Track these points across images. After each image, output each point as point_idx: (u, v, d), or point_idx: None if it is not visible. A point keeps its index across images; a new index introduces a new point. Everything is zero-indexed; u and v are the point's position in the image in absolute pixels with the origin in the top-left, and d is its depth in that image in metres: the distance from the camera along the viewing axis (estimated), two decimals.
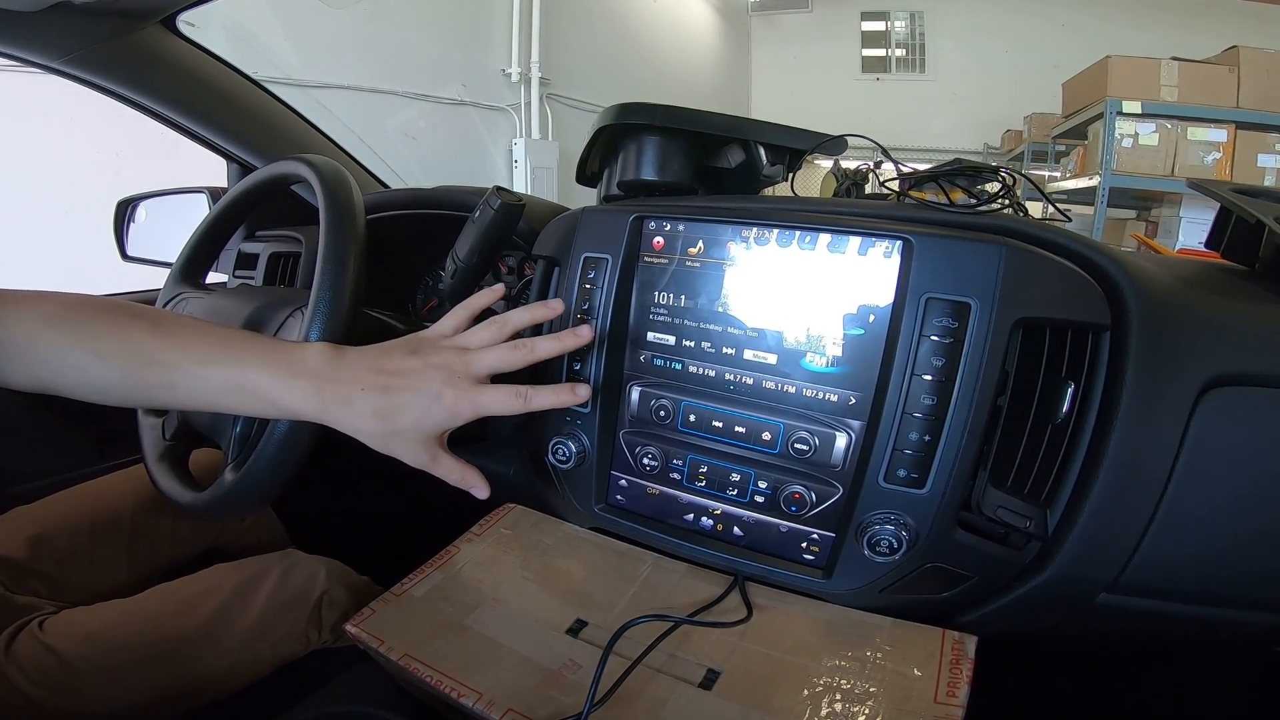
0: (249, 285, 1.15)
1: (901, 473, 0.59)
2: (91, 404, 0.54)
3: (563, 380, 0.72)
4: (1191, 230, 3.11)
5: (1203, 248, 0.80)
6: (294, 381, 0.52)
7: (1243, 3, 4.47)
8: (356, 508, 1.29)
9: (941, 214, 0.64)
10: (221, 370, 0.52)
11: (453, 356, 0.53)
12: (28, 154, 2.32)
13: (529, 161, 4.11)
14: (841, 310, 0.62)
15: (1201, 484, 0.56)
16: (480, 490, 0.57)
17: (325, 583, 0.76)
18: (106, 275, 1.28)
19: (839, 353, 0.62)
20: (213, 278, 0.91)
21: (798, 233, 0.64)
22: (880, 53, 6.45)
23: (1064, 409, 0.57)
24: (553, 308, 0.59)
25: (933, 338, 0.57)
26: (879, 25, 6.39)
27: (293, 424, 0.59)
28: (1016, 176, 0.70)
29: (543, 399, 0.55)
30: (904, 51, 6.37)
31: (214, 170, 1.32)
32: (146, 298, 0.97)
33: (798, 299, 0.64)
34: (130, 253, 1.31)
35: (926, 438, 0.57)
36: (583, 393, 0.56)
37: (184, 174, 1.34)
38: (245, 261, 1.23)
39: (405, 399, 0.52)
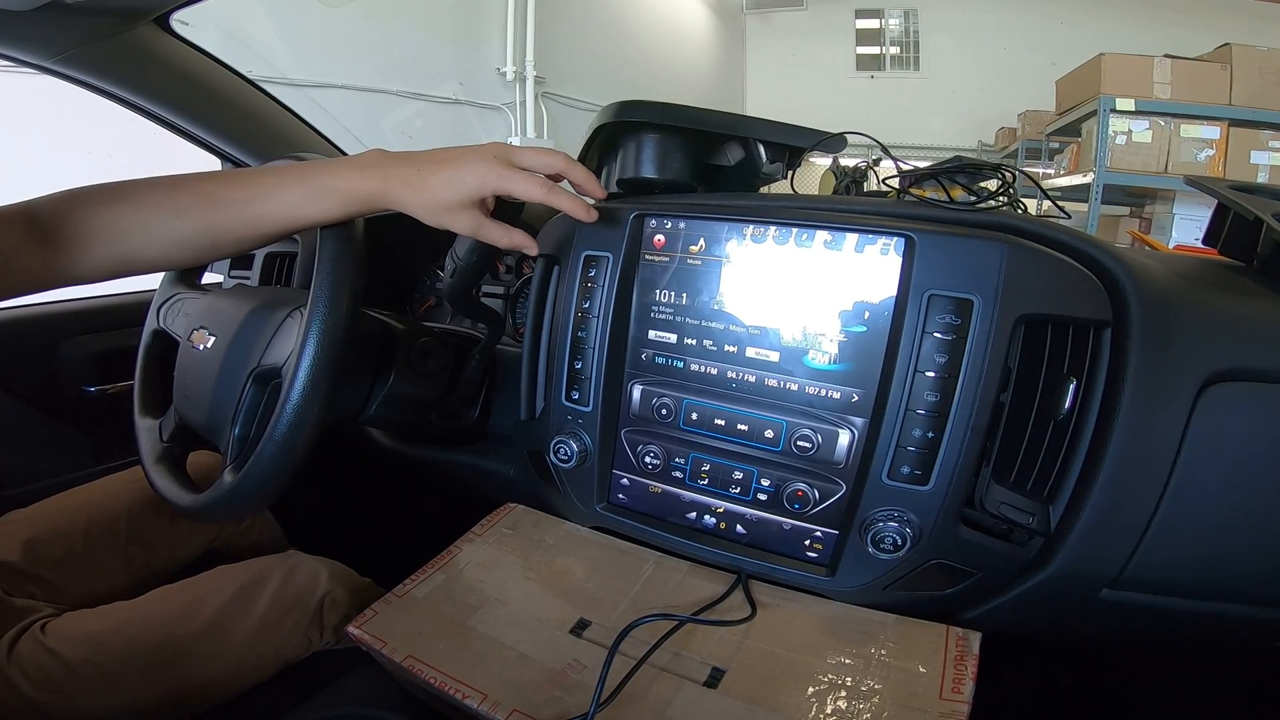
0: (245, 285, 1.14)
1: (905, 469, 0.59)
2: (86, 407, 0.55)
3: (555, 381, 0.72)
4: (1185, 227, 3.12)
5: (1198, 244, 0.81)
6: (367, 172, 0.59)
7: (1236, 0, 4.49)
8: (356, 508, 1.28)
9: (942, 211, 0.64)
10: (299, 184, 0.60)
11: (496, 146, 0.60)
12: (18, 154, 2.29)
13: None
14: (844, 308, 0.62)
15: (1203, 479, 0.56)
16: (530, 247, 0.63)
17: (327, 584, 0.76)
18: None
19: (841, 350, 0.62)
20: (208, 278, 0.90)
21: (801, 230, 0.64)
22: (874, 50, 6.44)
23: (1066, 405, 0.58)
24: (589, 191, 0.63)
25: (935, 334, 0.57)
26: (873, 23, 6.38)
27: (292, 424, 0.59)
28: (1016, 173, 0.70)
29: (563, 200, 0.61)
30: (898, 49, 6.37)
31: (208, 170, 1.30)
32: (142, 299, 0.96)
33: (800, 297, 0.64)
34: None
35: (930, 434, 0.57)
36: (593, 215, 0.64)
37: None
38: (240, 261, 1.22)
39: (448, 173, 0.58)
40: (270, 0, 2.88)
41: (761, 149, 0.75)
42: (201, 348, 0.73)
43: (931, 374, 0.57)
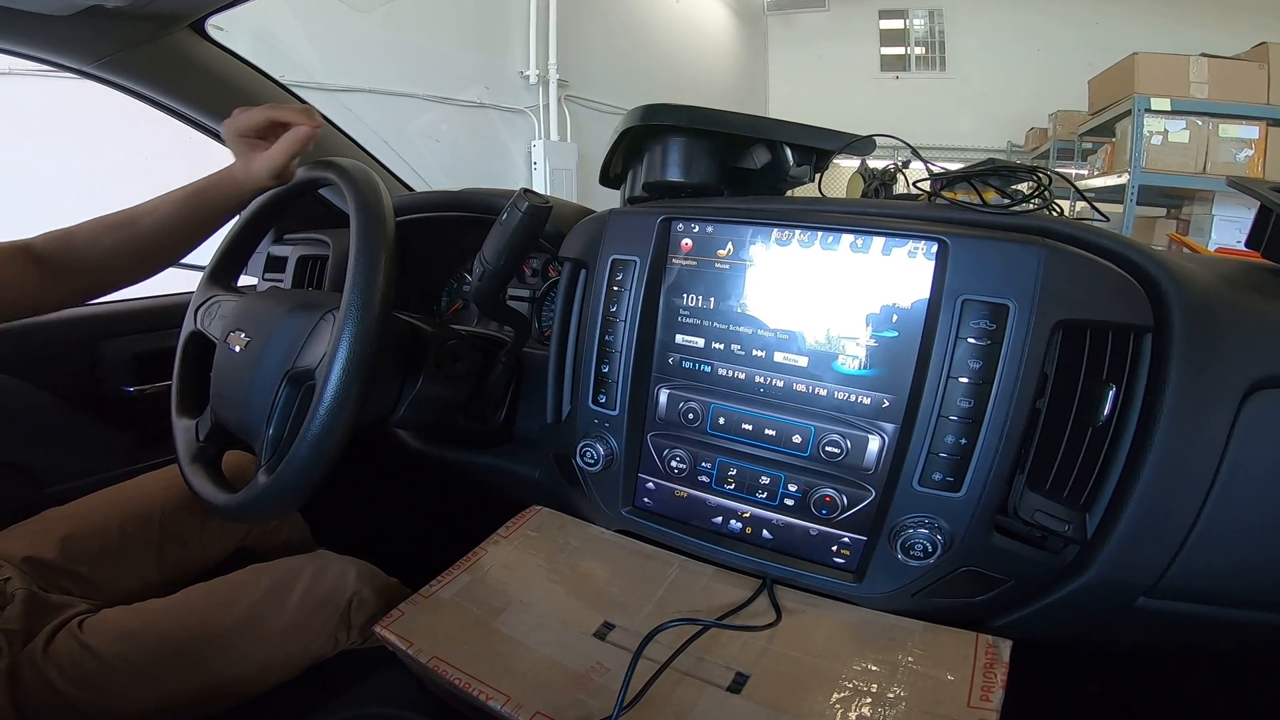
0: (279, 288, 1.16)
1: (937, 476, 0.58)
2: (125, 407, 0.56)
3: (579, 384, 0.72)
4: (1225, 228, 3.04)
5: (1239, 246, 0.78)
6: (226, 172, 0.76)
7: None
8: (383, 509, 1.30)
9: (976, 214, 0.63)
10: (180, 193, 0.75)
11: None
12: (59, 159, 2.36)
13: (548, 163, 4.13)
14: (874, 312, 0.61)
15: (1247, 487, 0.54)
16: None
17: (356, 583, 0.77)
18: None
19: (872, 355, 0.61)
20: (242, 280, 0.92)
21: (830, 234, 0.63)
22: (899, 51, 6.37)
23: (1105, 412, 0.56)
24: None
25: (969, 340, 0.56)
26: (897, 23, 6.32)
27: (324, 426, 0.60)
28: (1051, 175, 0.69)
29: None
30: (923, 49, 6.30)
31: None
32: (180, 301, 0.98)
33: (830, 301, 0.63)
34: None
35: (963, 441, 0.56)
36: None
37: None
38: (274, 264, 1.25)
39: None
40: (301, 6, 2.93)
41: (789, 152, 0.74)
42: (237, 349, 0.74)
43: (965, 380, 0.56)
